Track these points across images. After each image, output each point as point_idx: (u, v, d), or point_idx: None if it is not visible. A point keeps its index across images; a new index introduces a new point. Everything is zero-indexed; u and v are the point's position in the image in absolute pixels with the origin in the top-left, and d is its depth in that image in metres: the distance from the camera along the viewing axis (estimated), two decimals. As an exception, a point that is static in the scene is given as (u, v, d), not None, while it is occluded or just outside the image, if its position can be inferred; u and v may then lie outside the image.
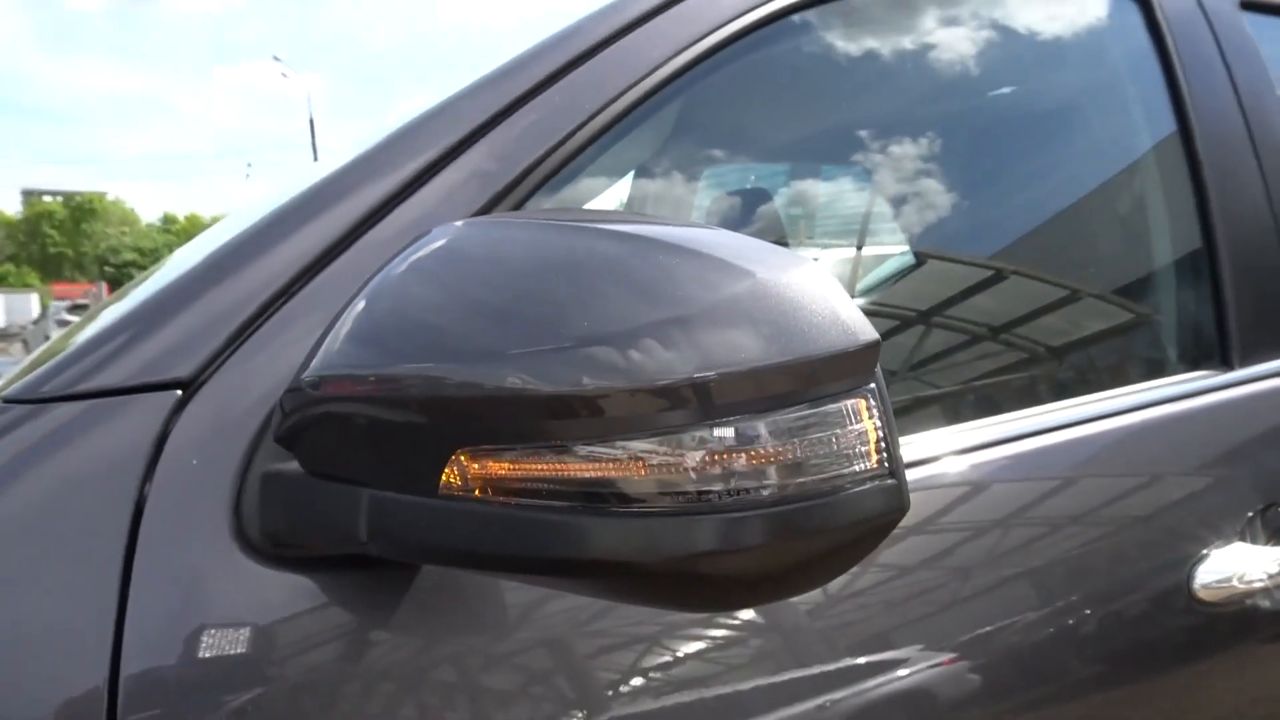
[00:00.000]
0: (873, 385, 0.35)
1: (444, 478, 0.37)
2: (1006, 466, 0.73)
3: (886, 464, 0.35)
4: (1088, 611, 0.72)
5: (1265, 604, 0.79)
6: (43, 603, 0.44)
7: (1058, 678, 0.69)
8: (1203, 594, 0.76)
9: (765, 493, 0.33)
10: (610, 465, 0.34)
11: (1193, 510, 0.80)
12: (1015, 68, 0.97)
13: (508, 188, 0.58)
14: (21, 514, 0.45)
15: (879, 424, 0.35)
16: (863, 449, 0.35)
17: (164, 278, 0.56)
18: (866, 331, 0.34)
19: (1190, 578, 0.76)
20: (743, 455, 0.33)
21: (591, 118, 0.62)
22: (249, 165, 44.46)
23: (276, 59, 26.72)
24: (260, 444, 0.48)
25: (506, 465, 0.36)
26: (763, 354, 0.32)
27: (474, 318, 0.37)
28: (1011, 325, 0.90)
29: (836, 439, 0.34)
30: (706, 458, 0.33)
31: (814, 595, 0.58)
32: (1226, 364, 0.91)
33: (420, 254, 0.43)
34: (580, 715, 0.49)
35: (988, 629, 0.65)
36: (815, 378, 0.33)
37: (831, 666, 0.57)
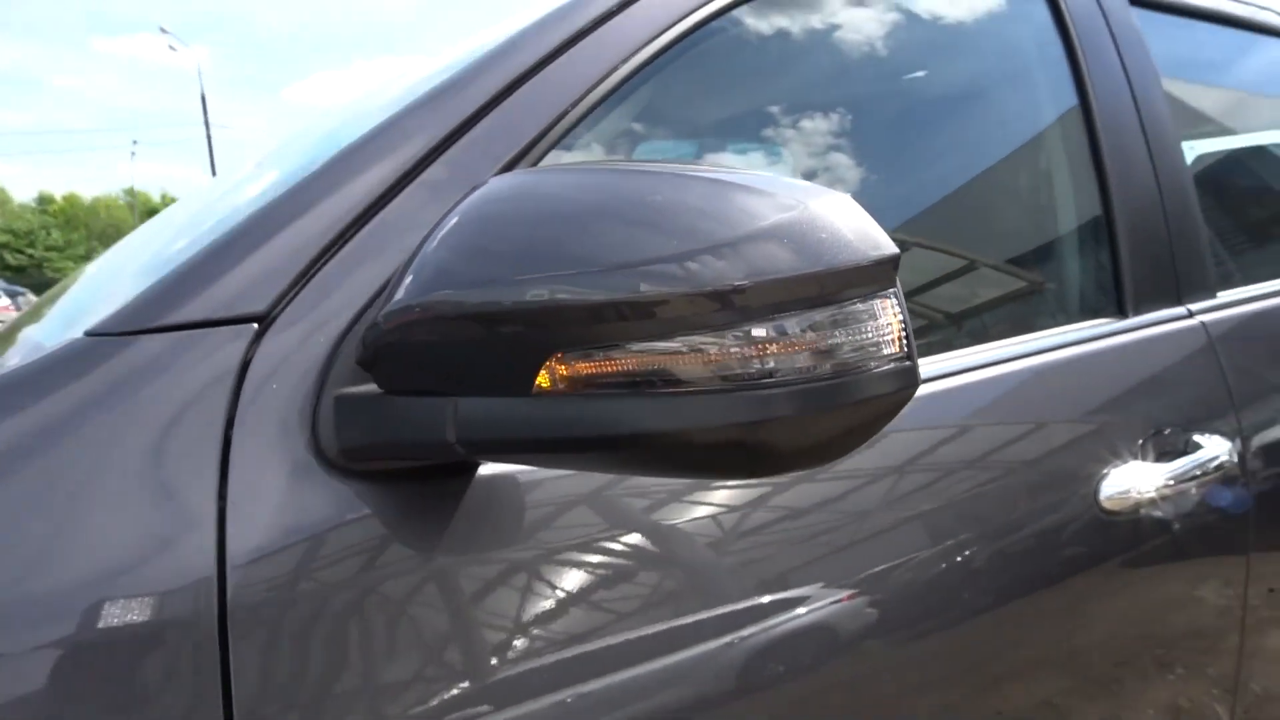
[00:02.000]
0: (895, 289, 0.44)
1: (537, 381, 0.45)
2: (938, 400, 0.84)
3: (905, 350, 0.45)
4: (1014, 528, 0.84)
5: (1155, 512, 0.93)
6: (151, 514, 0.49)
7: (993, 589, 0.81)
8: (1107, 504, 0.89)
9: (800, 373, 0.42)
10: (674, 357, 0.43)
11: (1097, 436, 0.93)
12: (943, 57, 1.08)
13: (521, 151, 0.66)
14: (125, 435, 0.50)
15: (901, 319, 0.44)
16: (888, 338, 0.44)
17: (230, 218, 0.61)
18: (888, 246, 0.43)
19: (1097, 492, 0.89)
20: (780, 344, 0.42)
21: (581, 97, 0.70)
22: (134, 143, 42.18)
23: (164, 30, 25.37)
24: (330, 370, 0.55)
25: (592, 365, 0.44)
26: (800, 265, 0.41)
27: (555, 246, 0.44)
28: (943, 281, 1.01)
29: (865, 330, 0.43)
30: (751, 347, 0.42)
31: (733, 528, 0.66)
32: (1122, 313, 1.06)
33: (487, 198, 0.50)
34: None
35: (925, 551, 0.76)
36: (848, 283, 0.42)
37: (756, 601, 0.65)
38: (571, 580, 0.59)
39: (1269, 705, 1.14)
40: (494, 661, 0.55)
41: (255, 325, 0.54)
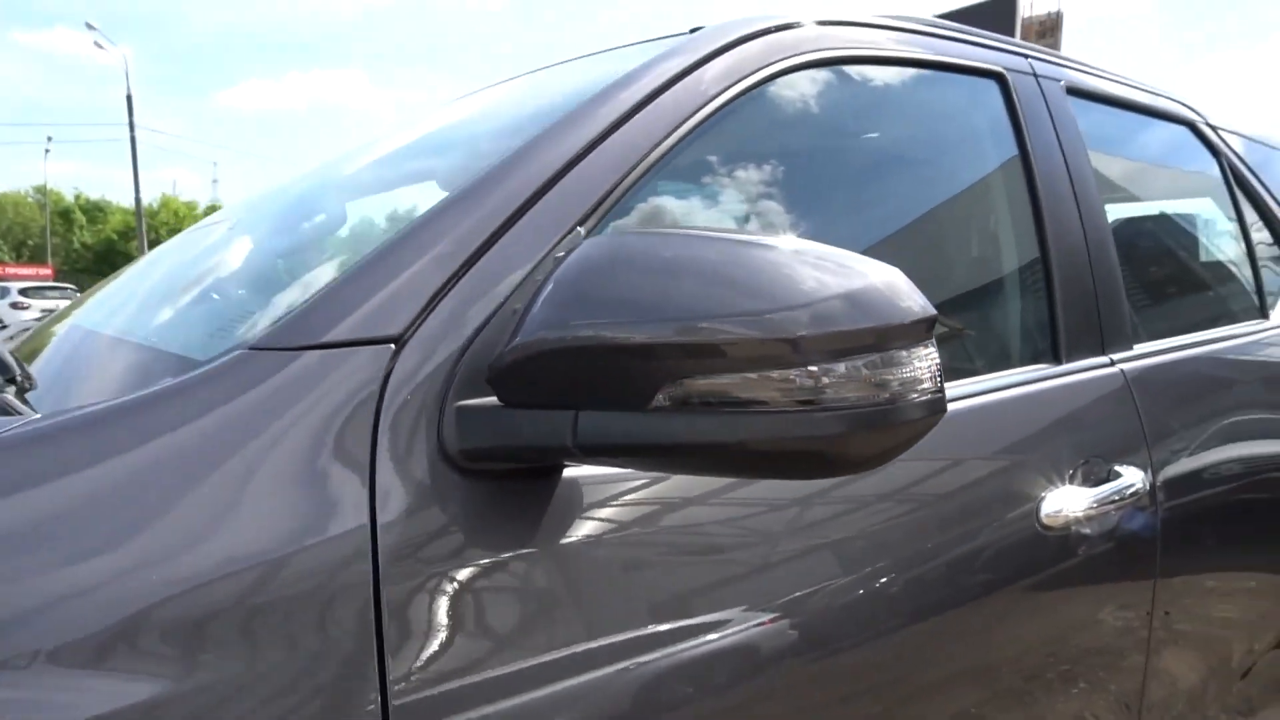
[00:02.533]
0: (932, 339, 0.58)
1: (651, 401, 0.58)
2: None
3: (938, 384, 0.59)
4: (965, 542, 0.99)
5: (1084, 529, 1.10)
6: (318, 501, 0.60)
7: (949, 596, 0.96)
8: (1046, 521, 1.05)
9: (859, 401, 0.56)
10: (763, 385, 0.56)
11: (1037, 464, 1.10)
12: (916, 133, 1.26)
13: (594, 206, 0.79)
14: (294, 434, 0.61)
15: (934, 361, 0.58)
16: (925, 375, 0.58)
17: (363, 244, 0.72)
18: (928, 310, 0.57)
19: (1038, 511, 1.05)
20: (845, 379, 0.55)
21: (640, 160, 0.83)
22: (49, 140, 40.56)
23: (90, 26, 24.54)
24: (452, 384, 0.66)
25: (702, 386, 0.57)
26: (862, 321, 0.55)
27: (666, 296, 0.57)
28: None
29: (908, 369, 0.57)
30: (824, 379, 0.55)
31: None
32: (1056, 360, 1.23)
33: (588, 254, 0.63)
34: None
35: (887, 564, 0.90)
36: (897, 336, 0.56)
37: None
38: (636, 560, 0.71)
39: (1173, 704, 1.32)
40: (588, 621, 0.67)
41: (392, 345, 0.66)
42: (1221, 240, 1.89)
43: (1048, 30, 36.68)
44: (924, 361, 0.57)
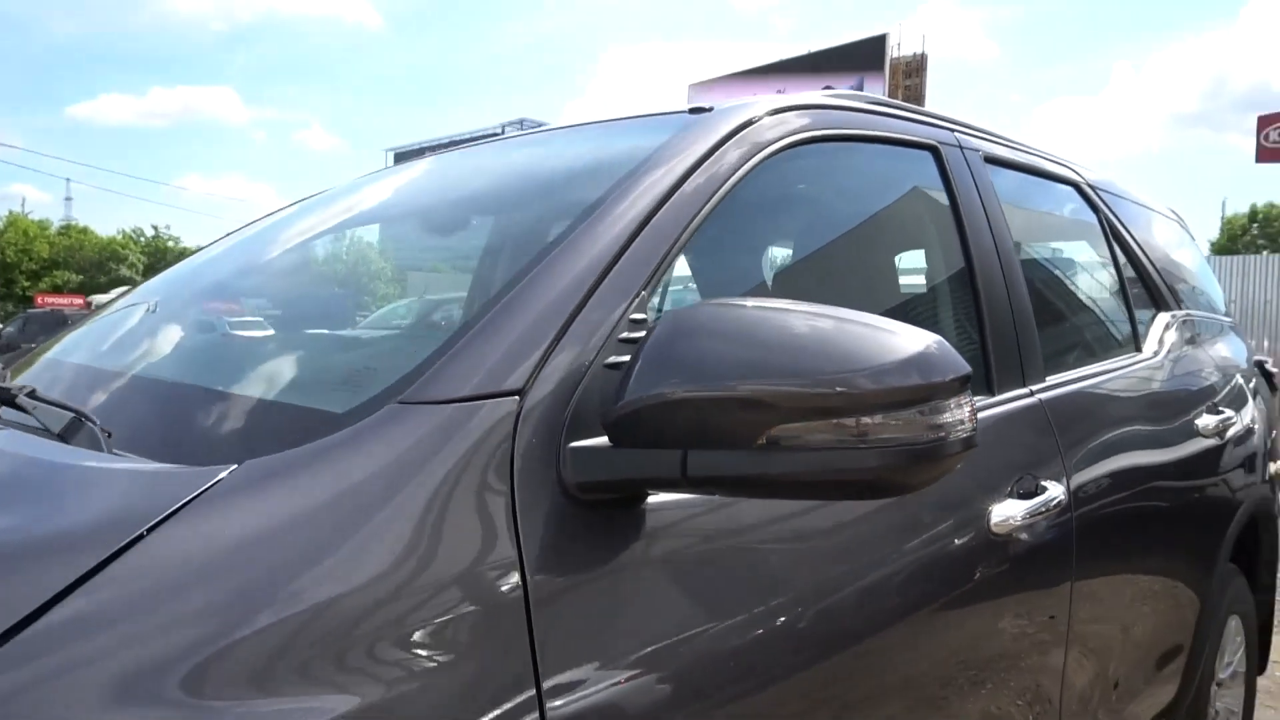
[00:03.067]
0: (969, 390, 0.75)
1: (756, 441, 0.73)
2: None
3: (974, 424, 0.76)
4: (935, 545, 1.18)
5: (1023, 535, 1.31)
6: (476, 526, 0.72)
7: (925, 594, 1.14)
8: (995, 529, 1.26)
9: (916, 439, 0.72)
10: (844, 428, 0.72)
11: (985, 481, 1.30)
12: (879, 197, 1.46)
13: (653, 273, 0.93)
14: (447, 472, 0.72)
15: (971, 406, 0.76)
16: (963, 418, 0.75)
17: (483, 301, 0.84)
18: (965, 369, 0.74)
19: (987, 520, 1.25)
20: (905, 422, 0.72)
21: (678, 238, 0.98)
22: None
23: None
24: (564, 428, 0.79)
25: (793, 429, 0.72)
26: (918, 378, 0.72)
27: (751, 359, 0.73)
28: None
29: (951, 413, 0.74)
30: (891, 423, 0.72)
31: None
32: (990, 391, 1.45)
33: (678, 322, 0.78)
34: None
35: (883, 570, 1.08)
36: (943, 391, 0.73)
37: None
38: (709, 560, 0.86)
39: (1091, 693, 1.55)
40: (684, 616, 0.81)
41: (517, 397, 0.78)
42: (1103, 283, 2.20)
43: (913, 71, 38.66)
44: (963, 408, 0.75)
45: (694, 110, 1.26)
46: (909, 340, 0.74)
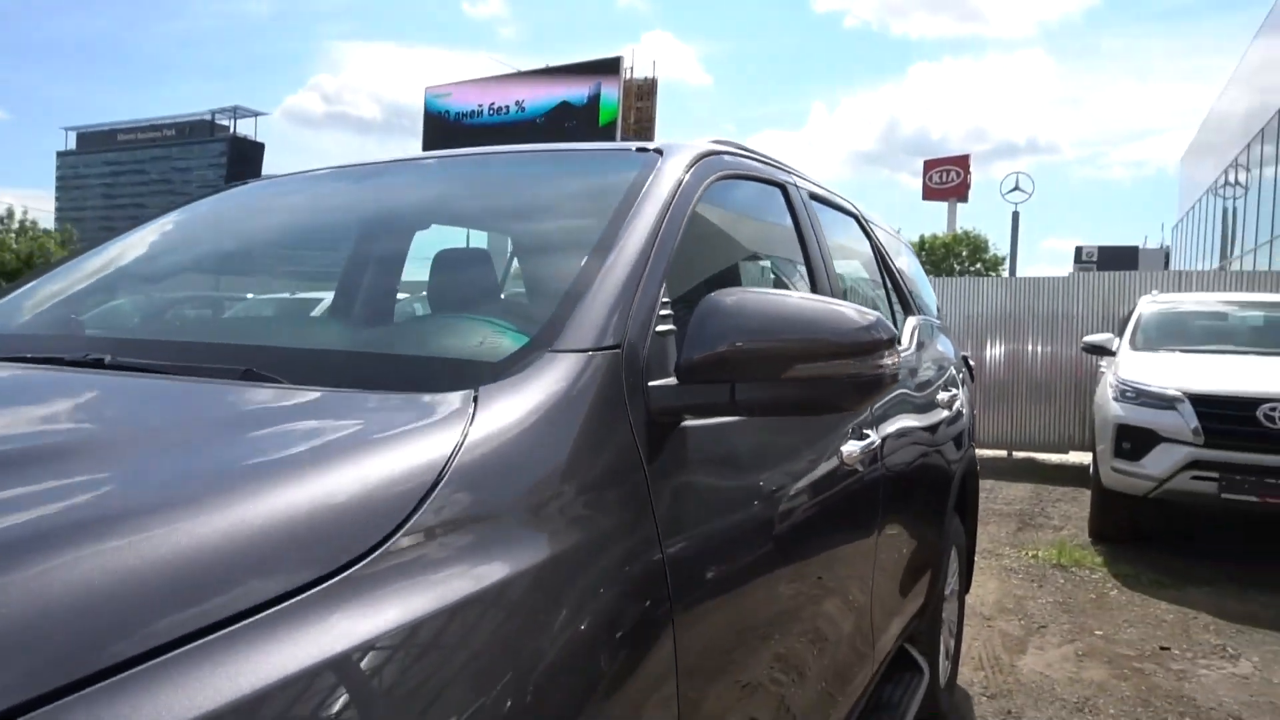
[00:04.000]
0: (895, 346, 1.20)
1: (782, 375, 1.13)
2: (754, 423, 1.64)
3: (897, 367, 1.21)
4: (822, 463, 1.65)
5: (859, 466, 1.83)
6: (612, 427, 1.05)
7: (820, 491, 1.61)
8: (845, 459, 1.76)
9: (866, 376, 1.17)
10: (837, 367, 1.14)
11: (841, 429, 1.80)
12: (769, 223, 1.92)
13: (665, 269, 1.31)
14: (593, 397, 1.05)
15: (897, 355, 1.21)
16: (894, 362, 1.19)
17: (562, 287, 1.18)
18: (894, 333, 1.19)
19: (842, 453, 1.75)
20: (859, 365, 1.16)
21: (674, 244, 1.37)
22: None
23: None
24: (645, 372, 1.14)
25: (803, 371, 1.13)
26: (869, 339, 1.16)
27: (784, 324, 1.13)
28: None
29: (892, 359, 1.18)
30: (854, 365, 1.16)
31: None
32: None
33: (716, 302, 1.17)
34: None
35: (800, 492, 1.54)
36: (886, 344, 1.17)
37: None
38: (734, 460, 1.26)
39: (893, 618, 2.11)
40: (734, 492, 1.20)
41: (619, 350, 1.12)
42: (876, 290, 2.85)
43: (645, 93, 40.35)
44: (893, 356, 1.20)
45: (640, 149, 1.64)
46: (864, 315, 1.19)
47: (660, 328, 1.22)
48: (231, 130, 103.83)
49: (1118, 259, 42.88)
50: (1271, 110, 20.47)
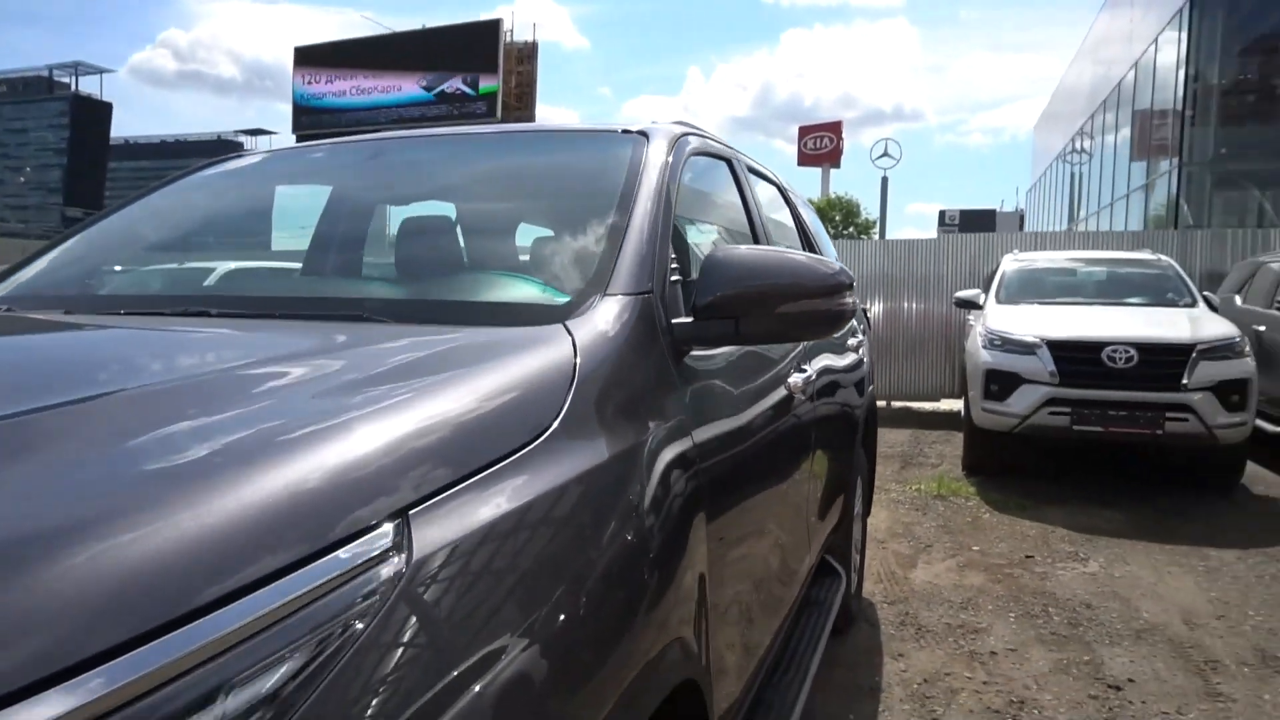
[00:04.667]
0: (852, 279, 1.55)
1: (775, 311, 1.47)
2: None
3: (855, 304, 1.56)
4: (780, 383, 2.03)
5: (800, 395, 2.20)
6: (654, 351, 1.36)
7: (780, 410, 1.98)
8: (790, 387, 2.13)
9: (833, 309, 1.52)
10: (819, 304, 1.49)
11: (787, 361, 2.17)
12: (717, 188, 2.25)
13: (667, 232, 1.63)
14: (641, 329, 1.35)
15: (854, 296, 1.56)
16: (854, 299, 1.54)
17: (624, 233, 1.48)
18: (853, 277, 1.54)
19: (790, 381, 2.12)
20: (830, 301, 1.51)
21: (669, 211, 1.69)
22: None
23: None
24: (668, 311, 1.46)
25: (792, 307, 1.47)
26: (839, 281, 1.51)
27: (769, 272, 1.47)
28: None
29: (850, 297, 1.53)
30: (837, 301, 1.51)
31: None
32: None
33: (717, 255, 1.49)
34: None
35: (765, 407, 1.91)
36: (847, 286, 1.52)
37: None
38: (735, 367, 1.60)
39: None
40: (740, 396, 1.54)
41: (651, 294, 1.43)
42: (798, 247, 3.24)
43: (525, 57, 39.71)
44: (853, 295, 1.56)
45: (625, 131, 1.94)
46: (832, 265, 1.54)
47: (672, 278, 1.54)
48: (73, 88, 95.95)
49: (977, 221, 45.67)
50: (1113, 82, 22.26)
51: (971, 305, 7.27)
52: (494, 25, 33.43)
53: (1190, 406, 5.43)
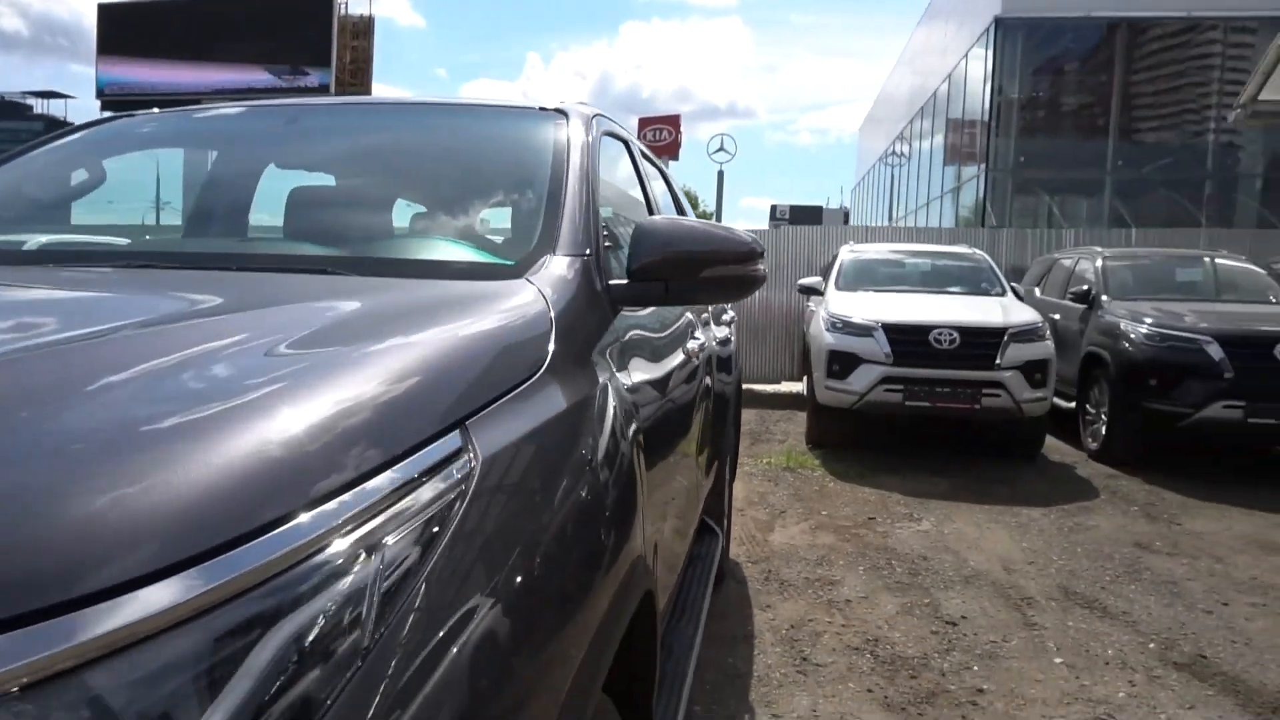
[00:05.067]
0: (763, 249, 1.74)
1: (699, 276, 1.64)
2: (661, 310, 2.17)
3: (764, 271, 1.76)
4: (692, 340, 2.21)
5: (694, 359, 2.40)
6: (597, 302, 1.51)
7: (698, 372, 2.17)
8: (689, 351, 2.32)
9: (746, 272, 1.71)
10: (735, 269, 1.66)
11: (697, 322, 2.36)
12: (617, 164, 2.40)
13: (591, 202, 1.77)
14: (585, 284, 1.49)
15: (763, 263, 1.75)
16: (764, 266, 1.74)
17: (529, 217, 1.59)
18: (762, 246, 1.74)
19: (698, 340, 2.32)
20: (756, 265, 1.70)
21: (594, 179, 1.83)
22: None
23: None
24: (604, 272, 1.60)
25: (714, 272, 1.64)
26: (752, 249, 1.69)
27: (696, 239, 1.64)
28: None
29: (761, 263, 1.72)
30: (744, 266, 1.69)
31: None
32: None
33: (646, 225, 1.65)
34: None
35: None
36: (760, 254, 1.71)
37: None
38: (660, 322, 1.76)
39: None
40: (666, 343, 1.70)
41: (590, 255, 1.57)
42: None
43: (361, 32, 38.00)
44: (763, 262, 1.75)
45: (543, 109, 2.06)
46: (747, 235, 1.73)
47: (605, 244, 1.69)
48: None
49: (806, 216, 48.04)
50: (929, 92, 24.06)
51: (813, 291, 7.79)
52: (327, 6, 31.56)
53: (1002, 384, 6.10)
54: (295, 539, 0.65)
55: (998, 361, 6.13)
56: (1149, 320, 6.44)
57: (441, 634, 0.72)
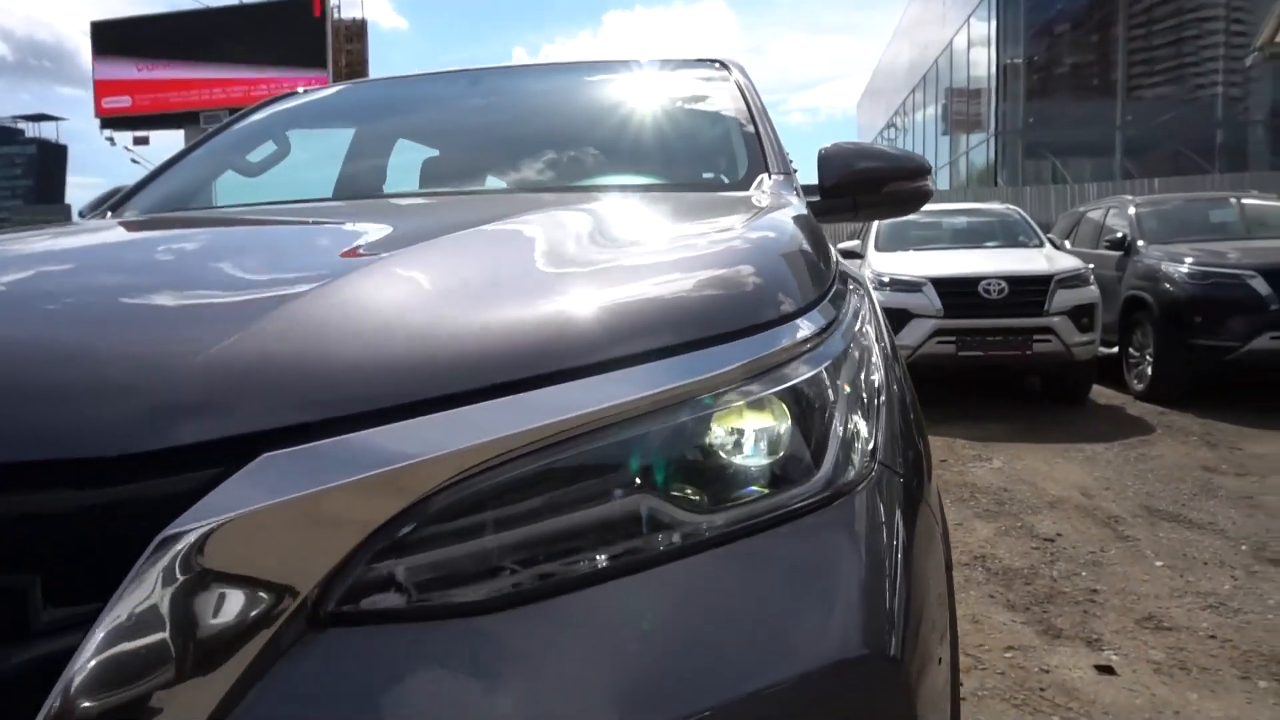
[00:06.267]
0: (930, 166, 1.91)
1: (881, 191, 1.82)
2: None
3: (933, 182, 1.93)
4: None
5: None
6: (815, 227, 1.70)
7: None
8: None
9: None
10: (898, 185, 1.85)
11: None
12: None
13: (775, 138, 1.95)
14: (799, 203, 1.68)
15: (930, 170, 1.93)
16: (932, 182, 1.91)
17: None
18: (930, 163, 1.90)
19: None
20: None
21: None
22: None
23: None
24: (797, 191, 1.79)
25: (893, 188, 1.83)
26: (926, 168, 1.88)
27: (872, 156, 1.82)
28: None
29: (930, 178, 1.91)
30: (913, 181, 1.88)
31: None
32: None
33: (828, 148, 1.84)
34: None
35: None
36: (928, 170, 1.90)
37: None
38: None
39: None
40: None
41: (790, 174, 1.75)
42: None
43: (354, 35, 38.12)
44: (933, 181, 1.93)
45: (701, 60, 2.25)
46: (916, 154, 1.91)
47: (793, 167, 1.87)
48: None
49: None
50: (929, 62, 24.17)
51: (853, 255, 7.96)
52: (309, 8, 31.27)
53: (1052, 329, 6.28)
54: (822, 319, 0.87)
55: (1046, 308, 6.30)
56: (1190, 260, 6.61)
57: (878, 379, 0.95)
